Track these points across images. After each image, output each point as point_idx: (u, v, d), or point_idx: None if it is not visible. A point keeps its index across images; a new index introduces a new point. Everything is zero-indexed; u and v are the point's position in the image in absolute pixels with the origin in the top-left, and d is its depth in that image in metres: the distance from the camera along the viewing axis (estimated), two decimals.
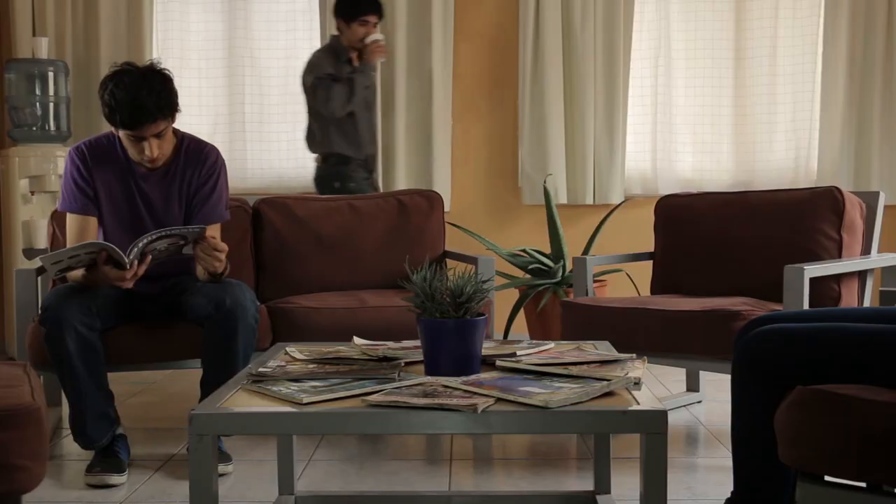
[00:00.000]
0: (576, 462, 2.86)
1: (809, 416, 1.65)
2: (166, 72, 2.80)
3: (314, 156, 4.38)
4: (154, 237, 2.61)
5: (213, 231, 2.97)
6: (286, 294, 3.52)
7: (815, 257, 3.13)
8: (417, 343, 2.16)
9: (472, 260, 3.54)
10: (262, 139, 4.97)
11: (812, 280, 2.83)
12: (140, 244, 2.60)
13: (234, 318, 2.74)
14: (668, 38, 4.92)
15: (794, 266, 2.82)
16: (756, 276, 3.24)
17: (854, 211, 3.20)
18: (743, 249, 3.32)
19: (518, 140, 4.94)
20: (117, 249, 2.60)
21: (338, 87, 4.13)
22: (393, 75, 4.83)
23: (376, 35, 4.21)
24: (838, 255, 3.14)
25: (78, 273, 2.73)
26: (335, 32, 4.29)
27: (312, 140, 4.33)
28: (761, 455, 1.85)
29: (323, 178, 4.33)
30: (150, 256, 2.67)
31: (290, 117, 4.98)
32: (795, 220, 3.23)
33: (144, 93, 2.69)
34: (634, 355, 2.04)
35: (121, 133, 2.81)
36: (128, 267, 2.62)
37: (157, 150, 2.81)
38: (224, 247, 2.78)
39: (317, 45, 4.92)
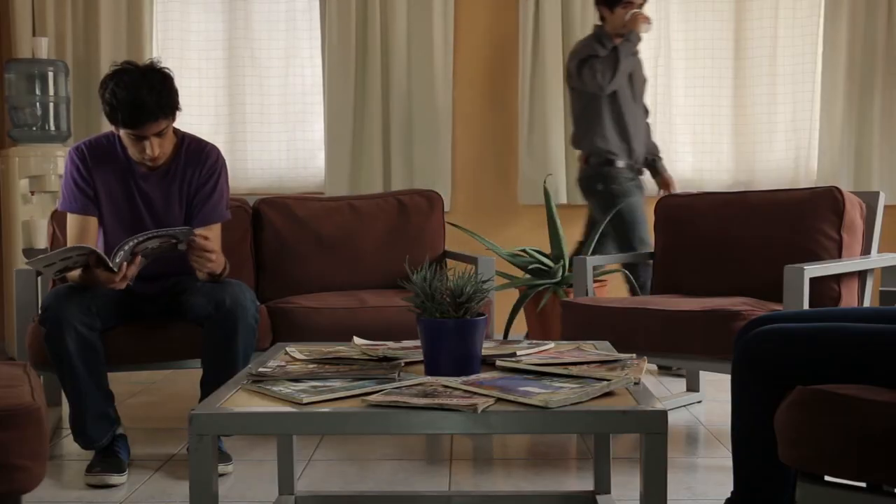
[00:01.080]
0: (576, 462, 2.86)
1: (809, 416, 1.65)
2: (166, 70, 2.79)
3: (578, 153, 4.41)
4: (142, 238, 2.61)
5: (214, 231, 2.97)
6: (286, 294, 3.52)
7: (815, 257, 3.13)
8: (417, 343, 2.16)
9: (472, 260, 3.54)
10: (262, 139, 4.97)
11: (812, 280, 2.83)
12: (126, 247, 2.60)
13: (234, 318, 2.74)
14: (668, 38, 4.92)
15: (794, 266, 2.82)
16: (756, 276, 3.24)
17: (854, 211, 3.20)
18: (743, 249, 3.32)
19: (518, 140, 4.94)
20: (102, 254, 2.60)
21: (602, 60, 4.14)
22: (393, 75, 4.83)
23: (635, 9, 4.22)
24: (838, 255, 3.14)
25: (75, 273, 2.73)
26: (598, 22, 4.32)
27: (577, 136, 4.32)
28: (761, 455, 1.85)
29: (585, 180, 4.30)
30: (139, 257, 2.67)
31: (291, 117, 4.98)
32: (795, 220, 3.22)
33: (145, 91, 2.69)
34: (634, 355, 2.04)
35: (122, 132, 2.81)
36: (115, 270, 2.62)
37: (157, 148, 2.81)
38: (212, 246, 2.76)
39: (317, 44, 4.94)
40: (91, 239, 2.90)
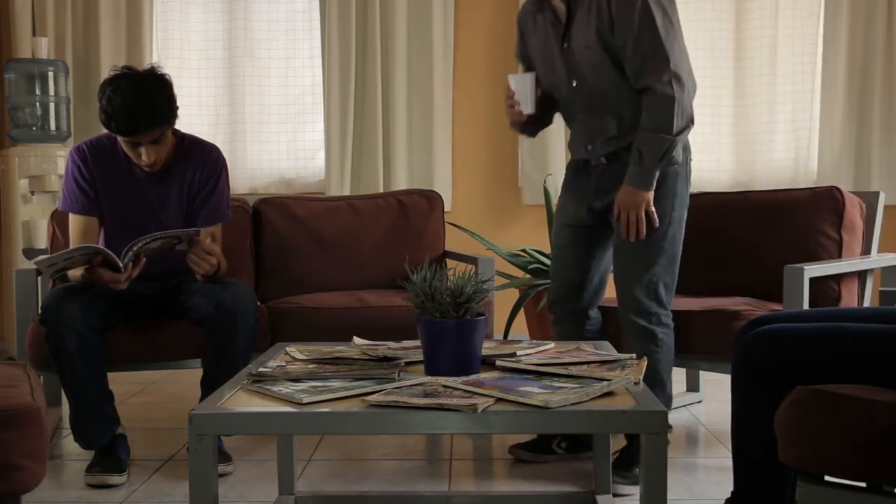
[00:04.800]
0: (576, 462, 2.86)
1: (809, 416, 1.65)
2: (166, 76, 2.78)
3: None
4: (148, 240, 2.62)
5: (215, 231, 2.97)
6: (286, 294, 3.52)
7: (816, 257, 3.13)
8: (417, 343, 2.16)
9: (472, 260, 3.54)
10: (262, 139, 4.97)
11: (812, 280, 2.83)
12: (135, 247, 2.61)
13: (234, 318, 2.75)
14: None
15: (794, 266, 2.82)
16: (756, 276, 3.24)
17: (854, 211, 3.20)
18: (743, 249, 3.31)
19: (518, 140, 4.93)
20: (111, 253, 2.60)
21: None
22: (393, 75, 4.83)
23: None
24: (838, 255, 3.14)
25: (77, 272, 2.73)
26: None
27: None
28: (761, 455, 1.85)
29: None
30: (143, 258, 2.68)
31: (291, 117, 4.98)
32: (795, 220, 3.22)
33: (141, 100, 2.67)
34: (634, 355, 2.05)
35: (118, 138, 2.81)
36: (122, 269, 2.63)
37: (153, 155, 2.80)
38: (216, 249, 2.77)
39: (317, 45, 4.93)
40: (93, 239, 2.90)
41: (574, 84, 2.73)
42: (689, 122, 2.64)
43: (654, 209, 2.63)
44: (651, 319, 2.69)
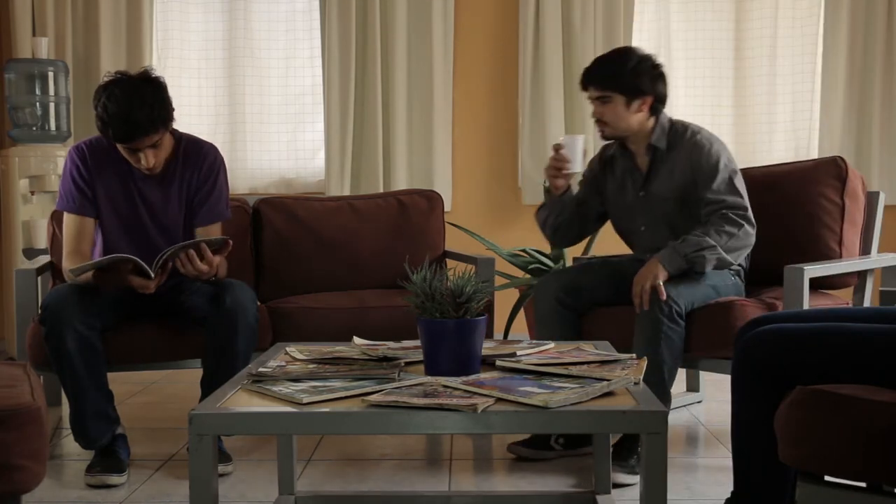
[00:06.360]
0: (576, 462, 2.86)
1: (809, 416, 1.65)
2: (160, 79, 2.78)
3: None
4: (179, 247, 2.64)
5: (215, 230, 2.97)
6: (286, 294, 3.52)
7: (817, 221, 3.10)
8: (417, 343, 2.16)
9: (472, 260, 3.54)
10: (262, 139, 4.97)
11: (812, 280, 2.83)
12: (166, 255, 2.64)
13: (234, 318, 2.75)
14: (668, 38, 4.92)
15: (794, 266, 2.82)
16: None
17: (856, 181, 3.19)
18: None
19: (518, 140, 4.93)
20: (141, 262, 2.62)
21: None
22: (393, 75, 4.83)
23: None
24: (840, 219, 3.11)
25: (89, 274, 2.73)
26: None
27: None
28: (761, 455, 1.85)
29: None
30: (171, 264, 2.69)
31: (291, 117, 4.98)
32: (797, 187, 3.20)
33: (136, 107, 2.66)
34: (634, 355, 2.05)
35: (117, 144, 2.81)
36: (152, 276, 2.64)
37: (152, 159, 2.80)
38: (204, 268, 2.73)
39: (317, 45, 4.93)
40: (88, 239, 2.90)
41: (643, 228, 3.02)
42: (727, 259, 2.82)
43: (661, 283, 2.73)
44: (663, 311, 2.73)
